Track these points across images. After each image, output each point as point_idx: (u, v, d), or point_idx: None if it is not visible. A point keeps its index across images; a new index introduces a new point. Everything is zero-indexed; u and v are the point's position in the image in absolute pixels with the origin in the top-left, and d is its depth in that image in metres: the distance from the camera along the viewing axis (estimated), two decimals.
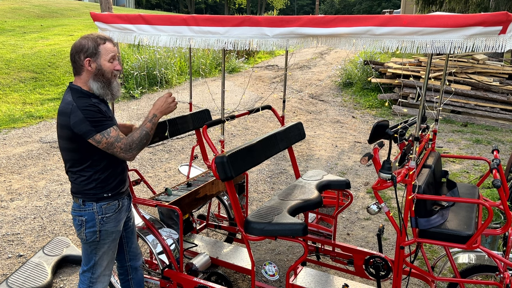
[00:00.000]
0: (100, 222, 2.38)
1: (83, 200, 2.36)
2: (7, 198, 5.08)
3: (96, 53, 2.26)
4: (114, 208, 2.43)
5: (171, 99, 2.48)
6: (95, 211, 2.37)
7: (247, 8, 52.25)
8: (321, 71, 14.71)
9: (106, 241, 2.44)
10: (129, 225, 2.70)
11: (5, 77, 10.18)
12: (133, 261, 2.79)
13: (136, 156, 2.33)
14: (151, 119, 2.40)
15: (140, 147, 2.34)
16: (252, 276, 2.75)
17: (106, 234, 2.42)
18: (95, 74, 2.28)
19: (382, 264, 3.07)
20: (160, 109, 2.44)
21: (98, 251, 2.44)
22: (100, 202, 2.38)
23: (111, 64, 2.31)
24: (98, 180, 2.35)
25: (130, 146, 2.30)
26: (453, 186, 2.91)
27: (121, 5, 37.41)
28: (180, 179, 5.69)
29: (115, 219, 2.44)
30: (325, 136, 7.85)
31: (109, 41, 2.34)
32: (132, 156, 2.32)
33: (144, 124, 2.38)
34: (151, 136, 2.39)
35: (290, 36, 2.25)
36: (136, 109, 9.27)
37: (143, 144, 2.36)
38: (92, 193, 2.36)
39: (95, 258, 2.46)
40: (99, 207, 2.37)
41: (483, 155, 6.86)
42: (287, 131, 3.37)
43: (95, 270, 2.48)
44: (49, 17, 19.84)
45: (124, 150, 2.28)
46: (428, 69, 2.17)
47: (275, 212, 2.72)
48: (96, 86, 2.29)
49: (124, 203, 2.52)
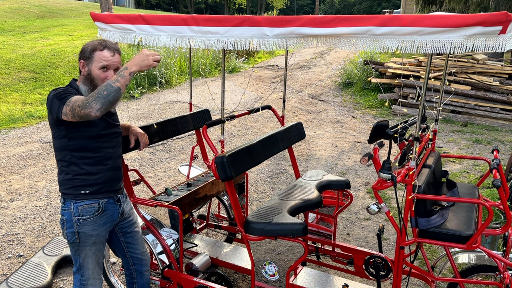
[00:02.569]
0: (77, 224, 2.32)
1: (63, 199, 2.36)
2: (7, 198, 5.08)
3: (90, 58, 2.26)
4: (92, 210, 2.35)
5: (150, 53, 2.11)
6: (72, 212, 2.32)
7: (247, 8, 52.25)
8: (321, 71, 14.71)
9: (86, 244, 2.38)
10: (129, 231, 2.63)
11: (5, 77, 10.18)
12: (137, 265, 2.74)
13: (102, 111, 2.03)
14: (120, 70, 2.09)
15: (102, 100, 2.03)
16: (252, 276, 2.75)
17: (85, 236, 2.36)
18: (85, 77, 2.30)
19: (382, 264, 3.07)
20: (134, 62, 2.10)
21: (80, 253, 2.40)
22: (77, 201, 2.32)
23: (101, 73, 2.26)
24: (76, 172, 2.30)
25: (87, 100, 2.05)
26: (453, 186, 2.91)
27: (121, 5, 37.40)
28: (180, 179, 5.69)
29: (93, 222, 2.35)
30: (325, 136, 7.85)
31: (109, 49, 2.27)
32: (92, 110, 2.02)
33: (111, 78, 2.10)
34: (117, 89, 2.06)
35: (290, 36, 2.25)
36: (136, 109, 9.26)
37: (108, 99, 2.04)
38: (70, 187, 2.31)
39: (80, 260, 2.42)
40: (75, 207, 2.32)
41: (483, 155, 6.86)
42: (287, 131, 3.37)
43: (83, 272, 2.44)
44: (49, 17, 19.84)
45: (82, 106, 2.04)
46: (428, 69, 2.17)
47: (275, 212, 2.72)
48: (83, 89, 2.30)
49: (107, 208, 2.41)
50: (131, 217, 2.65)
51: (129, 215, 2.64)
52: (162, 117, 8.70)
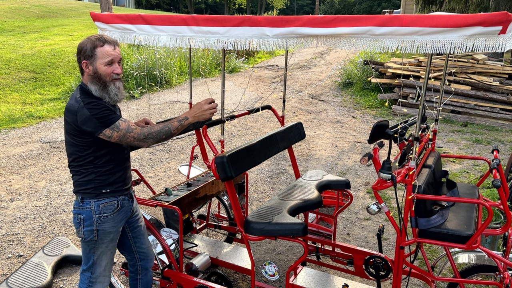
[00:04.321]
0: (97, 221, 2.37)
1: (81, 198, 2.37)
2: (7, 198, 5.08)
3: (92, 56, 2.25)
4: (112, 208, 2.42)
5: (208, 106, 2.45)
6: (93, 210, 2.36)
7: (247, 8, 52.25)
8: (321, 71, 14.71)
9: (104, 241, 2.43)
10: (136, 225, 2.68)
11: (5, 77, 10.18)
12: (143, 261, 2.77)
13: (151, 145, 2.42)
14: (181, 120, 2.42)
15: (157, 140, 2.37)
16: (252, 276, 2.75)
17: (104, 233, 2.41)
18: (92, 76, 2.28)
19: (382, 264, 3.07)
20: (193, 114, 2.44)
21: (96, 250, 2.44)
22: (99, 199, 2.37)
23: (108, 68, 2.27)
24: (98, 173, 2.35)
25: (145, 136, 2.33)
26: (453, 186, 2.91)
27: (121, 5, 37.41)
28: (180, 179, 5.69)
29: (113, 219, 2.42)
30: (325, 136, 7.85)
31: (109, 43, 2.28)
32: (146, 144, 2.37)
33: (172, 121, 2.41)
34: (173, 135, 2.42)
35: (290, 36, 2.25)
36: (136, 109, 9.26)
37: (161, 139, 2.38)
38: (91, 187, 2.35)
39: (94, 258, 2.45)
40: (96, 205, 2.37)
41: (483, 155, 6.86)
42: (287, 131, 3.37)
43: (94, 269, 2.47)
44: (49, 17, 19.84)
45: (138, 139, 2.32)
46: (428, 69, 2.17)
47: (275, 212, 2.72)
48: (93, 89, 2.29)
49: (124, 204, 2.49)
50: (137, 212, 2.73)
51: (136, 210, 2.71)
52: (162, 117, 8.69)
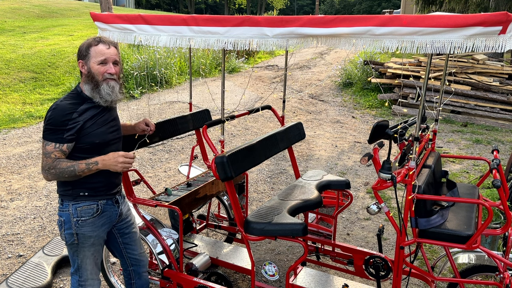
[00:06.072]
0: (75, 225, 2.33)
1: (62, 200, 2.35)
2: (7, 198, 5.08)
3: (87, 55, 2.26)
4: (91, 211, 2.35)
5: (122, 160, 2.26)
6: (71, 213, 2.32)
7: (247, 8, 52.25)
8: (321, 71, 14.71)
9: (85, 245, 2.38)
10: (126, 231, 2.63)
11: (5, 77, 10.18)
12: (135, 266, 2.73)
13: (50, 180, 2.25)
14: (90, 163, 2.24)
15: (58, 176, 2.22)
16: (252, 276, 2.75)
17: (84, 237, 2.36)
18: (86, 76, 2.29)
19: (382, 264, 3.07)
20: (105, 161, 2.26)
21: (78, 254, 2.40)
22: (76, 202, 2.32)
23: (101, 67, 2.26)
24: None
25: (49, 168, 2.20)
26: (453, 186, 2.91)
27: (121, 5, 37.41)
28: (180, 179, 5.69)
29: (92, 223, 2.36)
30: (325, 136, 7.85)
31: (104, 43, 2.28)
32: (45, 177, 2.24)
33: (80, 163, 2.23)
34: (77, 176, 2.24)
35: (290, 36, 2.25)
36: (136, 109, 9.26)
37: (63, 177, 2.23)
38: (69, 189, 2.31)
39: (78, 261, 2.42)
40: (74, 208, 2.32)
41: (483, 155, 6.86)
42: (287, 131, 3.37)
43: (81, 273, 2.45)
44: (49, 17, 19.84)
45: (43, 167, 2.23)
46: (428, 69, 2.17)
47: (275, 212, 2.72)
48: (86, 88, 2.30)
49: (106, 209, 2.42)
50: (128, 218, 2.66)
51: (126, 216, 2.64)
52: (162, 117, 8.70)
